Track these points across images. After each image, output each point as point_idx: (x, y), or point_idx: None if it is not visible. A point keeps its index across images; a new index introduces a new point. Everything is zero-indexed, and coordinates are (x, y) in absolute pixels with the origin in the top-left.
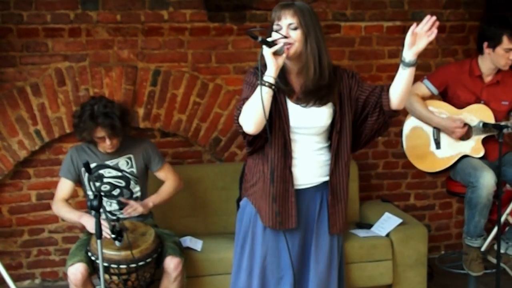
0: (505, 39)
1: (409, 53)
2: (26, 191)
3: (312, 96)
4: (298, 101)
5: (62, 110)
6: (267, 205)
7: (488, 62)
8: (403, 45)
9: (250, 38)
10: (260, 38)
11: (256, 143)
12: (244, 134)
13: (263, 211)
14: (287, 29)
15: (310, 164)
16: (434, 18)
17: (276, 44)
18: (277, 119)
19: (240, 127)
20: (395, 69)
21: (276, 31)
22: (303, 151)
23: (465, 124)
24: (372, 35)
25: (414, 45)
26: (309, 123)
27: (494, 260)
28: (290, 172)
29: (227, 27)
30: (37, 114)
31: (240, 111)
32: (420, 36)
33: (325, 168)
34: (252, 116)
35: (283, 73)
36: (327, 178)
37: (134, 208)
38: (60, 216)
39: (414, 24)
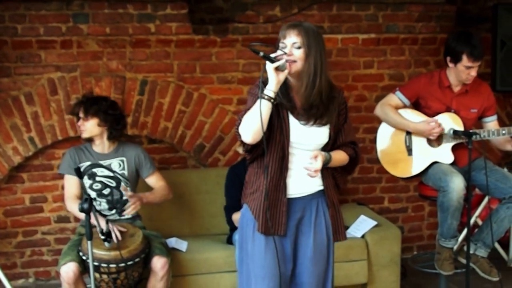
0: (464, 57)
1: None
2: (20, 195)
3: (311, 114)
4: (299, 117)
5: (55, 118)
6: (261, 213)
7: (454, 74)
8: (377, 56)
9: (253, 52)
10: (261, 53)
11: (254, 152)
12: (243, 143)
13: (258, 218)
14: (291, 47)
15: (305, 176)
16: (313, 174)
17: (278, 60)
18: (278, 133)
19: (239, 135)
20: (370, 79)
21: (281, 49)
22: (298, 163)
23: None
24: (348, 47)
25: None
26: (309, 140)
27: (463, 261)
28: (284, 183)
29: (211, 40)
30: (31, 122)
31: (239, 121)
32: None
33: (316, 178)
34: (250, 127)
35: (286, 89)
36: (322, 187)
37: (135, 207)
38: (74, 214)
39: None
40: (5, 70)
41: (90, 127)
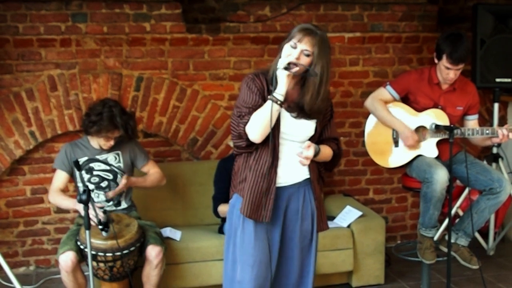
0: (444, 57)
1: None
2: (22, 186)
3: (302, 112)
4: (288, 109)
5: (54, 113)
6: (249, 197)
7: (439, 70)
8: (362, 54)
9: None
10: (291, 67)
11: (251, 147)
12: (241, 139)
13: (244, 201)
14: (300, 53)
15: (293, 165)
16: (304, 161)
17: (290, 67)
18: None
19: (245, 134)
20: (355, 76)
21: (292, 48)
22: (287, 154)
23: (421, 127)
24: (335, 45)
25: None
26: (297, 131)
27: (445, 249)
28: (275, 172)
29: (204, 38)
30: (32, 117)
31: (246, 120)
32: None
33: (305, 169)
34: (260, 129)
35: (278, 84)
36: (308, 176)
37: (121, 188)
38: (56, 204)
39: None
40: (7, 67)
41: (116, 137)
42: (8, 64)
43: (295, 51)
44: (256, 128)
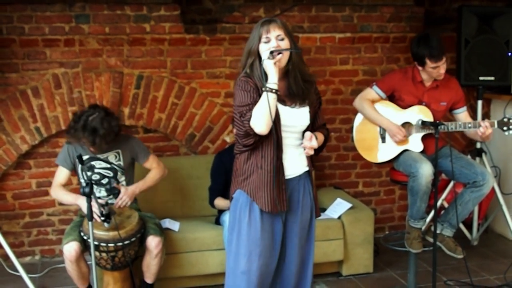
0: (427, 60)
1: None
2: (27, 180)
3: (297, 96)
4: (283, 102)
5: (59, 110)
6: (266, 193)
7: (426, 73)
8: (352, 53)
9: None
10: (276, 52)
11: (257, 141)
12: (249, 136)
13: (262, 198)
14: (276, 40)
15: (294, 157)
16: (309, 152)
17: (274, 54)
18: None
19: (251, 130)
20: (345, 74)
21: (265, 43)
22: (288, 146)
23: (407, 123)
24: (326, 45)
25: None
26: (295, 121)
27: (431, 240)
28: (281, 164)
29: (201, 38)
30: (37, 113)
31: (248, 116)
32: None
33: (303, 160)
34: (263, 120)
35: (267, 80)
36: (307, 168)
37: (123, 200)
38: (58, 198)
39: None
40: (14, 66)
41: (98, 150)
42: (14, 63)
43: (271, 42)
44: (260, 120)
